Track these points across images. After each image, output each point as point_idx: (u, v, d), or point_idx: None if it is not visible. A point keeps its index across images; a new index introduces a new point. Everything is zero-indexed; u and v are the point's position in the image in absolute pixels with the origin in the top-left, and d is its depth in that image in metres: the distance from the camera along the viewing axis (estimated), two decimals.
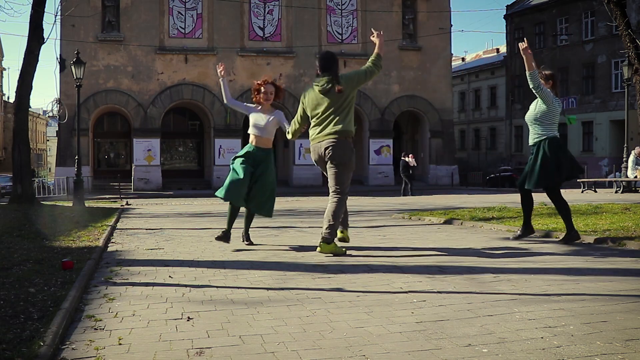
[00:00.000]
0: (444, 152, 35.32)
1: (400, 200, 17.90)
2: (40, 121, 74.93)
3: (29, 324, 3.24)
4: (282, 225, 9.26)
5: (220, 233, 6.47)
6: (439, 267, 5.07)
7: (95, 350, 2.93)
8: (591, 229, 7.30)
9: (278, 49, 33.07)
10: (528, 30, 40.96)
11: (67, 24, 29.07)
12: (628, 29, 10.42)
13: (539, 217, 8.98)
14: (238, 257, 5.82)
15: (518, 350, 2.83)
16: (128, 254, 6.23)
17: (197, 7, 32.18)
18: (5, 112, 54.75)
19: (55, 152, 36.01)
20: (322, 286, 4.38)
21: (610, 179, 23.37)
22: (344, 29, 34.07)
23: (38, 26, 15.10)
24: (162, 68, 31.63)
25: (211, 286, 4.42)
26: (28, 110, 16.82)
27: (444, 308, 3.65)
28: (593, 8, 35.39)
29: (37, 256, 5.54)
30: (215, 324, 3.38)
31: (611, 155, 34.09)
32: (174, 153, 35.46)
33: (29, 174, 15.61)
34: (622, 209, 9.92)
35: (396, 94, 34.35)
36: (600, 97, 36.02)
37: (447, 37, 35.41)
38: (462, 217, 9.41)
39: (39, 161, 71.69)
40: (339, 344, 2.98)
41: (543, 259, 5.49)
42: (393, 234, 7.81)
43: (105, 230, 8.28)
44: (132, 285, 4.51)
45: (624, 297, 3.85)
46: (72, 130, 28.25)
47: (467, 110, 49.43)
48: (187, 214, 12.67)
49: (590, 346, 2.86)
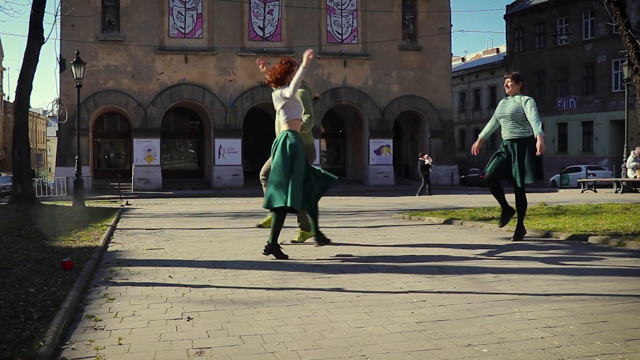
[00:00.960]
0: (444, 152, 35.31)
1: (400, 200, 17.90)
2: (40, 121, 74.93)
3: (29, 324, 3.24)
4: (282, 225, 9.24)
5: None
6: (439, 267, 5.07)
7: (95, 350, 2.93)
8: (591, 229, 7.30)
9: (278, 49, 33.04)
10: (528, 30, 40.95)
11: (67, 24, 29.05)
12: (628, 29, 10.43)
13: (539, 217, 8.99)
14: (238, 257, 5.82)
15: (518, 350, 2.83)
16: (128, 254, 6.23)
17: (197, 7, 32.18)
18: (5, 112, 54.76)
19: (55, 152, 36.02)
20: (322, 286, 4.38)
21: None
22: (344, 29, 34.07)
23: (38, 26, 15.10)
24: (162, 68, 31.63)
25: (211, 286, 4.42)
26: (28, 110, 16.83)
27: (444, 308, 3.65)
28: (593, 8, 35.37)
29: (37, 256, 5.54)
30: (215, 324, 3.38)
31: (611, 155, 34.06)
32: (174, 153, 35.45)
33: (29, 174, 15.61)
34: (622, 209, 9.93)
35: (396, 94, 34.35)
36: (600, 97, 36.01)
37: (447, 37, 35.40)
38: (462, 217, 9.41)
39: (39, 161, 71.69)
40: (339, 344, 2.98)
41: (543, 259, 5.48)
42: (393, 234, 7.80)
43: (105, 230, 8.28)
44: (132, 285, 4.51)
45: (624, 297, 3.85)
46: (72, 130, 28.24)
47: (467, 110, 49.43)
48: (187, 214, 12.67)
49: (590, 346, 2.86)
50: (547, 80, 39.38)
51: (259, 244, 6.92)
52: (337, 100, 33.55)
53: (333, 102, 33.49)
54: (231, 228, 9.01)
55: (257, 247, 6.55)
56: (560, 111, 38.32)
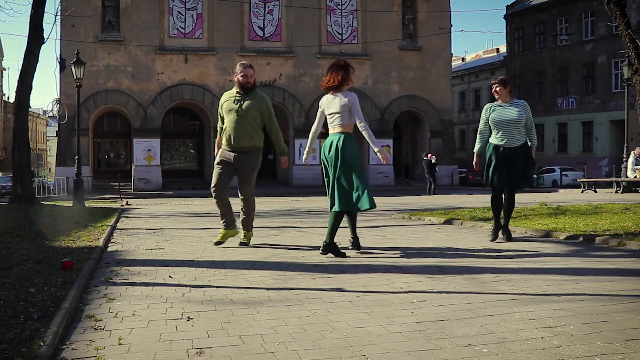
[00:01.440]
0: (444, 152, 35.29)
1: (400, 200, 17.91)
2: (40, 121, 74.93)
3: (29, 324, 3.23)
4: (282, 225, 9.26)
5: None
6: (439, 267, 5.07)
7: (95, 350, 2.93)
8: (591, 229, 7.30)
9: (278, 49, 33.07)
10: (528, 30, 40.95)
11: (67, 24, 29.05)
12: (628, 29, 10.42)
13: (539, 217, 8.99)
14: (238, 257, 5.82)
15: (518, 350, 2.83)
16: (128, 254, 6.23)
17: (197, 7, 32.17)
18: (5, 112, 54.76)
19: (55, 152, 36.01)
20: (322, 286, 4.38)
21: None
22: (344, 29, 34.07)
23: (38, 26, 15.10)
24: (162, 68, 31.63)
25: (211, 286, 4.42)
26: (28, 110, 16.82)
27: (444, 308, 3.65)
28: (593, 8, 35.38)
29: (37, 256, 5.54)
30: (215, 324, 3.38)
31: (611, 155, 34.09)
32: (174, 153, 35.45)
33: (29, 174, 15.61)
34: (622, 209, 9.93)
35: (396, 94, 34.34)
36: (600, 97, 36.01)
37: (447, 37, 35.39)
38: (462, 217, 9.41)
39: (39, 161, 71.69)
40: (339, 344, 2.98)
41: (543, 259, 5.49)
42: (393, 234, 7.80)
43: (105, 230, 8.28)
44: (132, 285, 4.51)
45: (624, 297, 3.85)
46: (72, 130, 28.23)
47: (467, 110, 49.42)
48: (187, 214, 12.66)
49: (590, 346, 2.86)
50: (547, 80, 39.39)
51: (258, 244, 6.92)
52: None
53: None
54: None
55: (257, 247, 6.55)
56: (560, 111, 38.33)
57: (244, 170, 6.55)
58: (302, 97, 32.95)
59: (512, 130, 6.68)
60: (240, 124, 6.40)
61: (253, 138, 6.47)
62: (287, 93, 32.88)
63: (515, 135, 6.68)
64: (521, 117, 6.66)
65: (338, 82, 5.83)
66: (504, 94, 6.76)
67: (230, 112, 6.46)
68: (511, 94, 6.84)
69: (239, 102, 6.44)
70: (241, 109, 6.40)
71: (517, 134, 6.69)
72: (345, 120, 5.81)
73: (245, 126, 6.41)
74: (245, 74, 6.40)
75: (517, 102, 6.79)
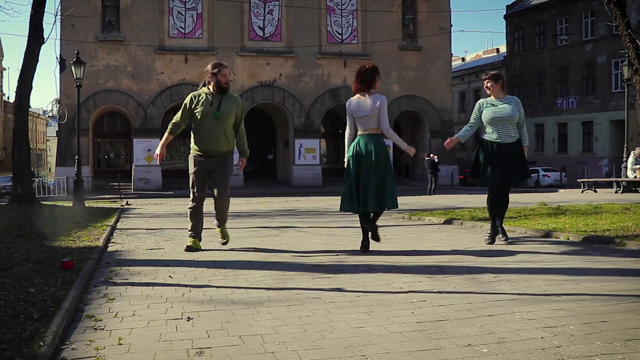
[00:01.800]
0: (444, 152, 35.29)
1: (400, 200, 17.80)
2: (40, 121, 74.92)
3: (29, 324, 3.23)
4: (282, 225, 9.26)
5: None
6: (439, 267, 5.07)
7: (95, 350, 2.93)
8: (591, 229, 7.30)
9: (278, 49, 33.06)
10: (528, 30, 40.94)
11: (67, 24, 29.05)
12: (628, 29, 10.43)
13: (539, 217, 8.98)
14: (238, 257, 5.82)
15: (518, 350, 2.83)
16: (128, 254, 6.23)
17: (197, 7, 32.17)
18: (5, 112, 54.75)
19: (55, 152, 36.01)
20: (322, 286, 4.38)
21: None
22: (344, 29, 34.06)
23: (38, 26, 15.10)
24: (162, 68, 31.63)
25: (211, 286, 4.42)
26: (28, 110, 16.82)
27: (444, 308, 3.65)
28: (593, 8, 35.38)
29: (37, 256, 5.54)
30: (215, 324, 3.38)
31: (611, 155, 34.09)
32: (174, 153, 35.41)
33: (29, 174, 15.61)
34: (622, 209, 9.92)
35: (396, 94, 34.33)
36: (600, 97, 36.01)
37: (447, 37, 35.39)
38: (462, 217, 9.41)
39: (39, 161, 71.68)
40: (339, 344, 2.98)
41: (543, 259, 5.48)
42: (393, 234, 7.81)
43: (105, 230, 8.28)
44: (132, 285, 4.51)
45: (624, 297, 3.84)
46: (72, 130, 28.23)
47: (467, 110, 49.38)
48: (187, 214, 12.63)
49: (590, 346, 2.86)
50: (547, 80, 39.39)
51: (258, 244, 6.93)
52: (337, 100, 33.50)
53: (333, 102, 33.45)
54: (231, 228, 8.99)
55: (257, 247, 6.55)
56: (560, 111, 38.33)
57: (223, 173, 6.37)
58: (302, 97, 32.95)
59: (507, 126, 6.63)
60: (219, 127, 6.18)
61: (230, 141, 6.32)
62: (287, 93, 32.87)
63: (511, 131, 6.63)
64: (514, 114, 6.60)
65: (369, 86, 6.34)
66: (496, 89, 6.69)
67: (205, 115, 6.17)
68: (503, 89, 6.77)
69: (216, 104, 6.19)
70: (219, 111, 6.17)
71: (512, 130, 6.64)
72: (377, 122, 6.19)
73: (225, 129, 6.22)
74: (224, 73, 6.24)
75: (509, 99, 6.72)
